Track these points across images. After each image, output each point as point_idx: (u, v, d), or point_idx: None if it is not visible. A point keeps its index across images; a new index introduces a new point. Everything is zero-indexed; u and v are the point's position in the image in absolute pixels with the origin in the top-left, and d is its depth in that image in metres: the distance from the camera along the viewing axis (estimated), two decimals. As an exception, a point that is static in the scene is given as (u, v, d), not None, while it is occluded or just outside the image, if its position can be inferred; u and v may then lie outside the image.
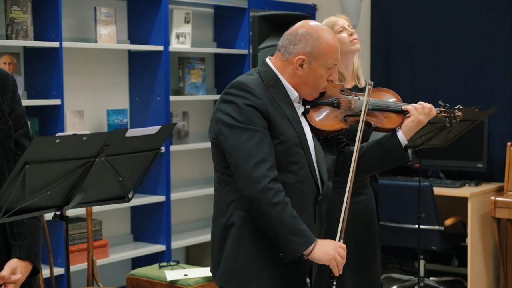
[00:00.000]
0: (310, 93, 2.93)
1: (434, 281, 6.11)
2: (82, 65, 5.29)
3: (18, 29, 4.70)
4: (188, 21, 5.70)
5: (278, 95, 2.85)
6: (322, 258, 2.78)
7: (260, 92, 2.80)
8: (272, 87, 2.86)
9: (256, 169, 2.70)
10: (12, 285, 2.52)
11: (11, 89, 2.65)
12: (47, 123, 4.90)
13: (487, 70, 6.22)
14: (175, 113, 5.68)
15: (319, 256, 2.78)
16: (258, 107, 2.77)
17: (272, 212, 2.71)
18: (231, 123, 2.77)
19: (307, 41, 2.86)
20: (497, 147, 6.16)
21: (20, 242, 2.60)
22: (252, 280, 2.84)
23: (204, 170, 6.14)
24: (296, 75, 2.88)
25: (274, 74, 2.90)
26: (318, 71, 2.87)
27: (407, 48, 6.61)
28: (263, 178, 2.70)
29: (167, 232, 5.51)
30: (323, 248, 2.79)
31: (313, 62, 2.86)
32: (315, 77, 2.88)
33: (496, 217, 5.66)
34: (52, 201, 2.41)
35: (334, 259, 2.80)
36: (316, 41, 2.85)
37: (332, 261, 2.80)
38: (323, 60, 2.86)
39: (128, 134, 2.39)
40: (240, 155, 2.73)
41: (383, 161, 3.08)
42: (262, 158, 2.72)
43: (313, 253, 2.77)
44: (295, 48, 2.87)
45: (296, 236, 2.74)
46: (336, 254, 2.80)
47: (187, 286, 4.48)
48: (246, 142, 2.73)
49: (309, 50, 2.85)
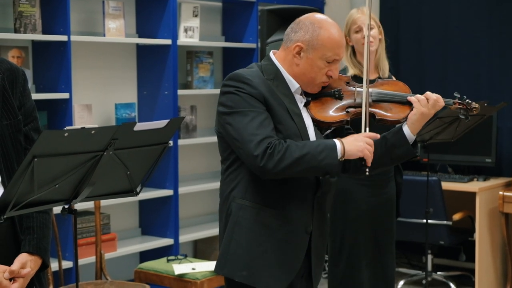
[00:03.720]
0: (307, 85, 2.89)
1: (441, 275, 6.11)
2: (90, 59, 5.29)
3: (26, 23, 4.70)
4: (196, 15, 5.70)
5: (278, 88, 2.83)
6: (355, 152, 2.74)
7: (258, 83, 2.79)
8: (272, 80, 2.85)
9: (258, 148, 2.68)
10: (21, 279, 2.53)
11: (21, 83, 2.66)
12: (56, 117, 4.91)
13: (496, 65, 6.20)
14: (183, 107, 5.68)
15: (352, 152, 2.74)
16: (255, 96, 2.76)
17: (286, 163, 2.68)
18: (231, 111, 2.76)
19: (307, 29, 2.83)
20: (505, 142, 6.14)
21: (30, 237, 2.61)
22: (242, 267, 2.84)
23: (212, 164, 6.14)
24: (294, 64, 2.85)
25: (275, 67, 2.89)
26: (316, 63, 2.83)
27: (416, 43, 6.59)
28: (264, 151, 2.67)
29: (175, 225, 5.51)
30: (352, 144, 2.75)
31: (310, 51, 2.82)
32: (312, 68, 2.83)
33: (505, 212, 5.65)
34: (60, 195, 2.41)
35: (365, 150, 2.75)
36: (317, 30, 2.82)
37: (365, 151, 2.75)
38: (322, 52, 2.81)
39: (136, 128, 2.39)
40: (244, 137, 2.72)
41: (390, 156, 2.98)
42: (265, 136, 2.70)
43: (346, 152, 2.73)
44: (295, 35, 2.86)
45: (320, 154, 2.70)
46: (365, 144, 2.76)
47: (195, 279, 4.49)
48: (248, 124, 2.72)
49: (308, 39, 2.82)
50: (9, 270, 2.50)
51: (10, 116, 2.59)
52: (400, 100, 2.96)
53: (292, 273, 2.87)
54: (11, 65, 2.67)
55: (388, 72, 4.21)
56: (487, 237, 5.77)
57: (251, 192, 2.82)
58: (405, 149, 2.93)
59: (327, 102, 2.92)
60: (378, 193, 4.06)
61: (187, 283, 4.52)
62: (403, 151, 2.94)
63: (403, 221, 5.69)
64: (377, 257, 4.12)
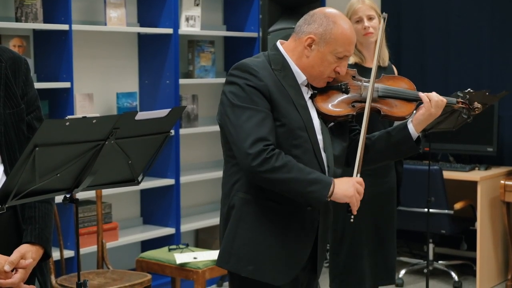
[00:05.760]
0: (314, 78, 2.87)
1: (443, 264, 6.11)
2: (91, 48, 5.28)
3: (27, 12, 4.70)
4: (198, 4, 5.69)
5: (284, 79, 2.81)
6: (342, 198, 2.73)
7: (263, 74, 2.77)
8: (279, 70, 2.82)
9: (253, 147, 2.66)
10: (23, 270, 2.53)
11: (23, 72, 2.66)
12: (57, 106, 4.91)
13: (497, 54, 6.19)
14: (184, 96, 5.68)
15: (340, 196, 2.73)
16: (260, 88, 2.74)
17: (280, 176, 2.68)
18: (232, 103, 2.75)
19: (321, 22, 2.82)
20: (507, 131, 6.14)
21: (32, 227, 2.61)
22: (248, 262, 2.83)
23: (214, 153, 6.15)
24: (304, 55, 2.83)
25: (282, 58, 2.86)
26: (326, 57, 2.81)
27: (417, 32, 6.58)
28: (260, 152, 2.66)
29: (176, 215, 5.52)
30: (342, 187, 2.74)
31: (322, 45, 2.81)
32: (321, 62, 2.82)
33: (506, 201, 5.65)
34: (62, 184, 2.41)
35: (353, 197, 2.75)
36: (331, 24, 2.81)
37: (352, 199, 2.75)
38: (333, 46, 2.80)
39: (137, 117, 2.39)
40: (239, 134, 2.70)
41: (393, 151, 3.03)
42: (261, 137, 2.68)
43: (334, 194, 2.72)
44: (308, 27, 2.83)
45: (313, 185, 2.70)
46: (355, 191, 2.75)
47: (196, 269, 4.50)
48: (246, 121, 2.70)
49: (321, 32, 2.81)
50: (9, 261, 2.50)
51: (13, 105, 2.59)
52: (407, 97, 2.98)
53: (298, 267, 2.87)
54: (13, 54, 2.67)
55: (388, 61, 4.21)
56: (488, 226, 5.77)
57: (255, 186, 2.80)
58: (409, 146, 2.97)
59: (333, 95, 2.91)
60: (379, 183, 4.06)
61: (188, 272, 4.53)
62: (407, 148, 2.99)
63: (405, 210, 5.69)
64: (378, 246, 4.12)
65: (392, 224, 4.20)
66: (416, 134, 2.96)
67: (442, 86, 6.41)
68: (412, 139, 2.95)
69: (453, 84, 6.28)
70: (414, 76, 6.61)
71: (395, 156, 3.10)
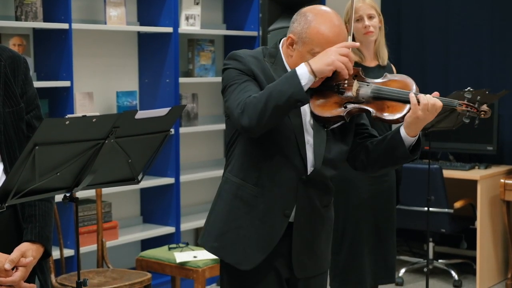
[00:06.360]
0: None
1: (443, 263, 6.12)
2: (91, 46, 5.28)
3: (27, 11, 4.70)
4: (198, 3, 5.69)
5: (276, 71, 2.79)
6: (325, 69, 2.63)
7: (250, 60, 2.77)
8: (272, 63, 2.82)
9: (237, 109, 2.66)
10: (23, 268, 2.53)
11: (22, 70, 2.66)
12: (57, 105, 4.91)
13: (497, 53, 6.19)
14: (184, 95, 5.68)
15: (321, 68, 2.62)
16: (244, 71, 2.75)
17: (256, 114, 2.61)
18: (225, 85, 2.78)
19: (300, 22, 2.76)
20: (507, 130, 6.15)
21: (32, 225, 2.61)
22: (215, 239, 2.88)
23: (213, 152, 6.15)
24: (289, 55, 2.81)
25: (278, 53, 2.85)
26: (305, 57, 2.73)
27: (417, 31, 6.58)
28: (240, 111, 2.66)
29: (176, 214, 5.52)
30: (319, 60, 2.64)
31: (300, 44, 2.75)
32: (301, 62, 2.70)
33: (506, 199, 5.66)
34: (62, 183, 2.41)
35: (336, 61, 2.62)
36: (307, 24, 2.73)
37: (336, 63, 2.62)
38: (309, 46, 2.72)
39: (137, 116, 2.39)
40: (230, 104, 2.71)
41: (389, 157, 2.83)
42: (243, 98, 2.67)
43: (315, 71, 2.61)
44: (291, 26, 2.80)
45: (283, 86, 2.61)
46: (336, 56, 2.62)
47: (196, 267, 4.50)
48: (233, 92, 2.72)
49: (299, 31, 2.75)
50: (9, 259, 2.50)
51: (12, 104, 2.59)
52: (399, 98, 2.73)
53: (263, 253, 2.82)
54: (13, 53, 2.67)
55: (387, 60, 4.21)
56: (488, 225, 5.78)
57: (237, 167, 2.84)
58: (401, 152, 2.77)
59: (327, 95, 2.79)
60: (379, 181, 4.07)
61: (188, 271, 4.53)
62: (400, 154, 2.78)
63: (405, 209, 5.70)
64: (378, 245, 4.13)
65: (392, 223, 4.21)
66: (410, 139, 2.75)
67: (442, 85, 6.41)
68: (404, 144, 2.75)
69: (453, 83, 6.28)
70: (414, 76, 6.58)
71: (393, 162, 2.88)
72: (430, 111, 2.67)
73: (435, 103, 2.67)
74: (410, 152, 2.78)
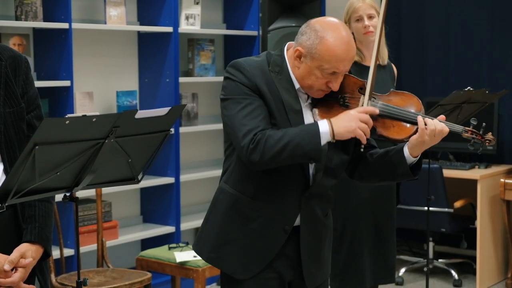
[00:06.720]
0: (307, 90, 2.78)
1: (443, 263, 6.12)
2: (91, 46, 5.28)
3: (27, 10, 4.69)
4: (198, 2, 5.69)
5: (280, 82, 2.76)
6: (346, 134, 2.64)
7: (255, 74, 2.74)
8: (277, 72, 2.77)
9: (244, 139, 2.65)
10: (23, 269, 2.53)
11: (23, 70, 2.66)
12: (57, 105, 4.91)
13: (497, 52, 6.19)
14: (184, 95, 5.68)
15: (342, 133, 2.63)
16: (249, 86, 2.72)
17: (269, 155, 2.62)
18: (227, 97, 2.75)
19: (309, 36, 2.71)
20: (507, 129, 6.15)
21: (31, 226, 2.61)
22: (212, 249, 2.87)
23: (213, 151, 6.15)
24: (296, 66, 2.77)
25: (281, 61, 2.80)
26: (313, 72, 2.71)
27: (417, 31, 6.58)
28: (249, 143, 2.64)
29: (176, 213, 5.52)
30: (342, 124, 2.64)
31: (309, 59, 2.70)
32: (309, 76, 2.72)
33: (506, 199, 5.66)
34: (62, 182, 2.41)
35: (357, 129, 2.63)
36: (317, 39, 2.68)
37: (356, 132, 2.64)
38: (319, 62, 2.68)
39: (137, 116, 2.39)
40: (234, 125, 2.70)
41: (389, 173, 2.84)
42: (251, 128, 2.66)
43: (336, 134, 2.63)
44: (300, 38, 2.75)
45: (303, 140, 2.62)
46: (357, 122, 2.64)
47: (196, 267, 4.50)
48: (239, 112, 2.69)
49: (308, 46, 2.70)
50: (9, 260, 2.50)
51: (13, 104, 2.59)
52: (407, 119, 2.75)
53: (260, 265, 2.82)
54: (13, 53, 2.67)
55: (388, 60, 4.21)
56: (488, 225, 5.78)
57: (234, 178, 2.83)
58: (403, 170, 2.78)
59: (333, 107, 2.79)
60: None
61: (188, 270, 4.53)
62: (402, 172, 2.79)
63: (405, 208, 5.69)
64: (378, 244, 4.13)
65: (392, 222, 4.21)
66: (412, 159, 2.76)
67: (442, 85, 6.42)
68: (406, 164, 2.76)
69: (453, 83, 6.28)
70: (414, 75, 6.65)
71: (391, 178, 2.90)
72: (437, 136, 2.69)
73: (442, 129, 2.70)
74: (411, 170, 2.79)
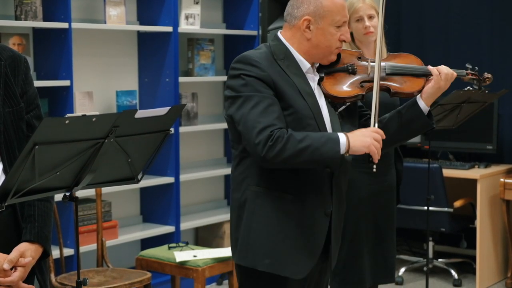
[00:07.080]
0: (324, 56, 2.86)
1: (442, 262, 6.12)
2: (91, 46, 5.28)
3: (27, 10, 4.69)
4: (197, 2, 5.69)
5: (288, 68, 2.80)
6: (360, 149, 2.71)
7: (266, 65, 2.75)
8: (283, 59, 2.81)
9: (259, 136, 2.65)
10: (22, 268, 2.53)
11: (23, 70, 2.65)
12: (57, 104, 4.91)
13: (497, 52, 6.19)
14: (184, 95, 5.68)
15: (358, 148, 2.71)
16: (263, 78, 2.72)
17: (287, 155, 2.65)
18: (237, 95, 2.74)
19: (309, 2, 2.81)
20: (507, 129, 6.15)
21: (31, 225, 2.61)
22: (264, 255, 2.80)
23: (213, 151, 6.15)
24: (305, 39, 2.82)
25: (284, 47, 2.85)
26: (328, 30, 2.81)
27: (417, 31, 6.58)
28: (266, 140, 2.65)
29: (176, 213, 5.52)
30: (358, 139, 2.72)
31: (319, 21, 2.80)
32: (325, 37, 2.81)
33: (506, 199, 5.66)
34: (61, 182, 2.41)
35: (371, 146, 2.72)
36: (318, 0, 2.80)
37: (371, 148, 2.72)
38: (330, 18, 2.80)
39: (137, 115, 2.39)
40: (247, 123, 2.69)
41: (406, 130, 3.00)
42: (266, 125, 2.66)
43: (351, 148, 2.70)
44: (299, 11, 2.82)
45: (323, 146, 2.67)
46: (372, 140, 2.73)
47: (196, 267, 4.50)
48: (252, 110, 2.69)
49: (313, 10, 2.80)
50: (8, 259, 2.50)
51: (12, 104, 2.59)
52: (415, 72, 2.98)
53: (314, 258, 2.84)
54: (13, 52, 2.67)
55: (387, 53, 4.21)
56: (488, 224, 5.78)
57: (266, 178, 2.79)
58: (422, 122, 2.95)
59: (341, 77, 2.90)
60: (379, 181, 4.06)
61: (188, 270, 4.53)
62: (421, 125, 2.97)
63: (405, 208, 5.69)
64: (377, 244, 4.12)
65: (392, 222, 4.20)
66: (427, 109, 2.94)
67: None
68: (424, 114, 2.93)
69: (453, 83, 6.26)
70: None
71: (408, 135, 3.06)
72: (449, 80, 2.97)
73: (452, 73, 2.98)
74: None
